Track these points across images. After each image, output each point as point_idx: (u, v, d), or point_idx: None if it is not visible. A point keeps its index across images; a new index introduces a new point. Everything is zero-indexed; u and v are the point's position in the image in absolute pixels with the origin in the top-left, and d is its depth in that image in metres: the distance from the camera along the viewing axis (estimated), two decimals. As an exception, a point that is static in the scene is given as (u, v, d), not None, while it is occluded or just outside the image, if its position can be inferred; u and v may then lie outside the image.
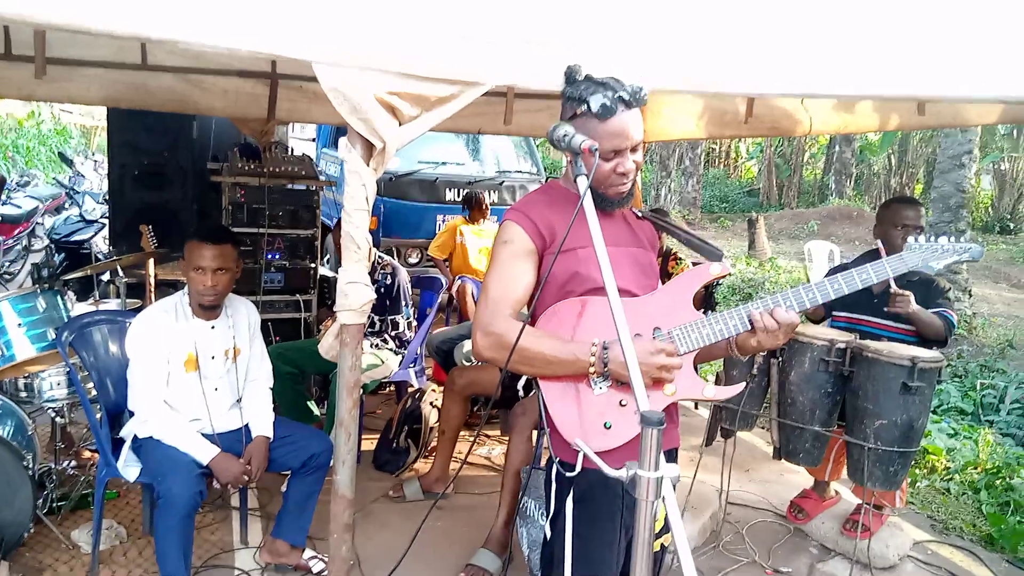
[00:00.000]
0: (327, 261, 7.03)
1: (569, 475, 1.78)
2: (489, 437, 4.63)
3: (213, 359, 2.95)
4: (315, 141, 9.75)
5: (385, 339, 4.30)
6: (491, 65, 1.95)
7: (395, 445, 4.11)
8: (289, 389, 4.00)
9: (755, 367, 3.29)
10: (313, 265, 4.96)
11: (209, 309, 2.92)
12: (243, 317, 3.07)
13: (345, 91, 1.82)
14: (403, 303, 4.39)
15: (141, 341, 2.84)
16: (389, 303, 4.33)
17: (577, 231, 1.69)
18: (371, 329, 4.26)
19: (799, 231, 17.96)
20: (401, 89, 1.87)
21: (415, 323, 4.58)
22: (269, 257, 4.78)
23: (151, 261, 3.84)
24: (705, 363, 2.57)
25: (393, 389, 4.94)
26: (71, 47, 3.53)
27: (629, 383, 1.49)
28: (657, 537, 1.85)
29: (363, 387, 4.00)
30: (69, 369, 3.20)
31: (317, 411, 4.25)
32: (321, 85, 1.82)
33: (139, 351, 2.83)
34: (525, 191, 7.82)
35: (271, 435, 2.97)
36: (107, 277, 5.36)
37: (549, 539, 1.93)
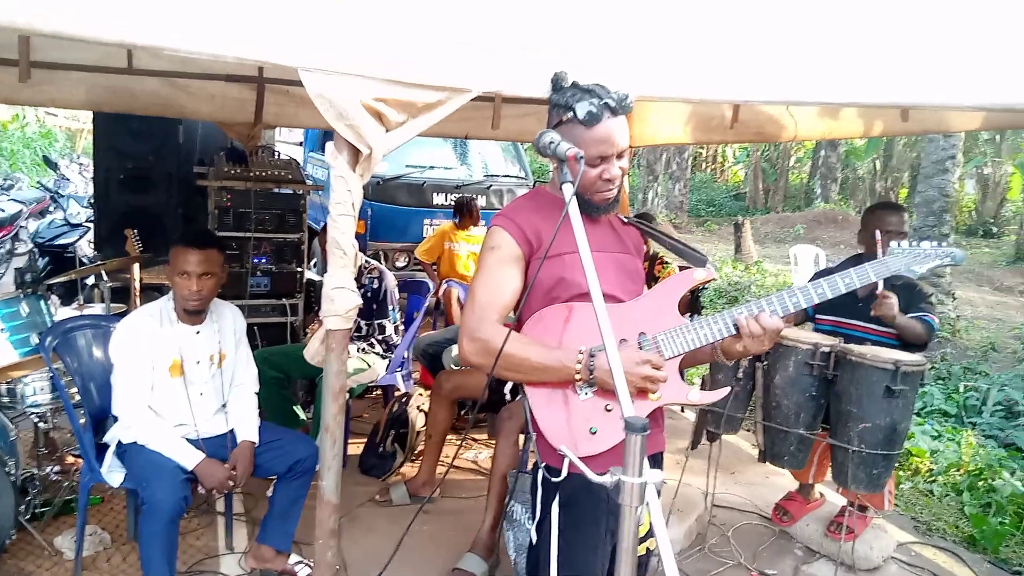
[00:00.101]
0: (314, 265, 7.02)
1: (555, 480, 1.78)
2: (476, 441, 4.64)
3: (198, 364, 2.94)
4: (302, 145, 9.74)
5: (372, 343, 4.29)
6: (478, 72, 1.95)
7: (382, 449, 4.11)
8: (275, 394, 3.99)
9: (740, 371, 3.32)
10: (300, 269, 4.96)
11: (194, 314, 2.91)
12: (229, 322, 3.06)
13: (331, 97, 1.82)
14: (390, 307, 4.38)
15: (125, 346, 2.82)
16: (376, 307, 4.32)
17: (563, 237, 1.69)
18: (358, 333, 4.25)
19: (785, 235, 18.09)
20: (387, 95, 1.87)
21: (402, 327, 4.58)
22: (255, 261, 4.77)
23: (136, 265, 3.83)
24: (691, 367, 2.60)
25: (380, 393, 4.93)
26: (56, 51, 3.50)
27: (614, 391, 1.50)
28: (642, 541, 1.86)
29: (350, 391, 3.99)
30: (52, 374, 3.18)
31: (303, 415, 4.23)
32: (307, 91, 1.81)
33: (123, 356, 2.82)
34: (513, 195, 7.83)
35: (256, 440, 2.96)
36: (92, 281, 5.32)
37: (535, 543, 1.93)
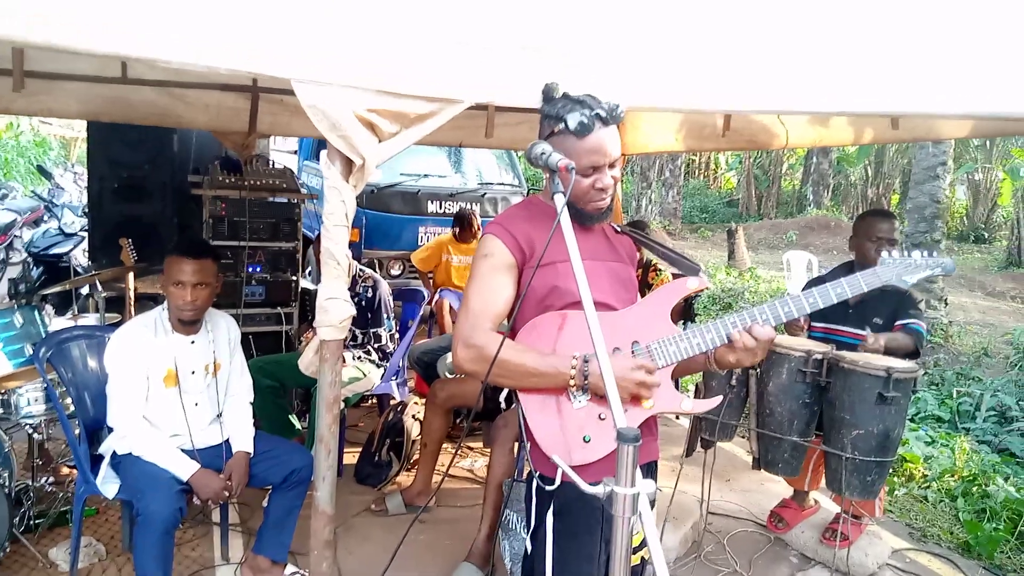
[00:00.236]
0: (309, 274, 7.01)
1: (549, 488, 1.79)
2: (472, 449, 4.63)
3: (193, 374, 2.94)
4: (297, 154, 9.73)
5: (368, 351, 4.29)
6: (471, 82, 1.97)
7: (377, 458, 4.10)
8: (270, 403, 3.98)
9: (734, 378, 3.33)
10: (294, 278, 4.96)
11: (189, 324, 2.91)
12: (223, 331, 3.06)
13: (324, 108, 1.83)
14: (385, 316, 4.39)
15: (120, 356, 2.82)
16: (371, 316, 4.32)
17: (556, 245, 1.69)
18: (353, 342, 4.25)
19: (778, 241, 18.16)
20: (380, 106, 1.88)
21: (397, 335, 4.58)
22: (250, 270, 4.76)
23: (131, 275, 3.82)
24: (685, 376, 2.60)
25: (375, 402, 4.93)
26: (50, 61, 3.50)
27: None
28: (637, 550, 1.86)
29: (345, 400, 3.99)
30: (47, 385, 3.17)
31: (298, 425, 4.23)
32: (300, 102, 1.83)
33: (118, 366, 2.81)
34: (507, 203, 7.84)
35: (252, 450, 2.96)
36: (86, 291, 5.33)
37: (530, 552, 1.93)
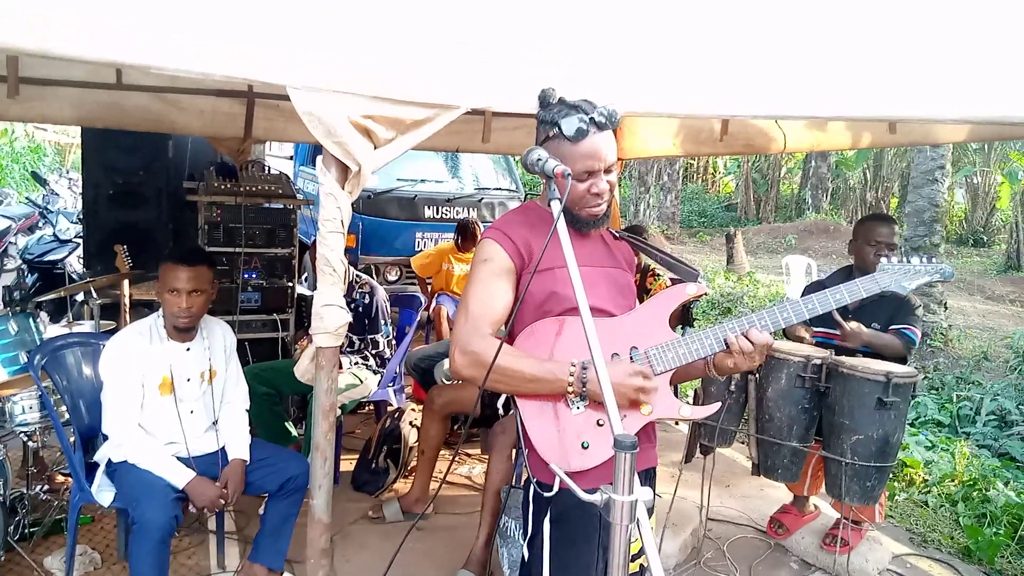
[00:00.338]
0: (305, 280, 7.00)
1: (546, 495, 1.78)
2: (469, 456, 4.61)
3: (188, 381, 2.92)
4: (292, 159, 9.73)
5: (365, 357, 4.27)
6: (467, 88, 1.96)
7: (374, 465, 4.08)
8: (266, 410, 3.96)
9: (733, 383, 3.32)
10: (290, 284, 4.94)
11: (184, 331, 2.90)
12: (219, 338, 3.05)
13: (319, 115, 1.82)
14: (382, 322, 4.37)
15: (115, 364, 2.80)
16: (368, 322, 4.30)
17: (554, 251, 1.68)
18: (350, 348, 4.23)
19: (777, 245, 18.17)
20: (376, 112, 1.88)
21: (394, 341, 4.56)
22: (246, 276, 4.74)
23: (126, 282, 3.81)
24: (684, 382, 2.59)
25: (372, 408, 4.91)
26: (45, 67, 3.50)
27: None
28: (635, 558, 1.85)
29: (342, 407, 3.97)
30: (41, 392, 3.15)
31: (295, 432, 4.21)
32: (296, 109, 1.82)
33: (113, 374, 2.80)
34: (504, 208, 7.84)
35: (247, 458, 2.94)
36: (81, 298, 5.29)
37: (527, 560, 1.92)
